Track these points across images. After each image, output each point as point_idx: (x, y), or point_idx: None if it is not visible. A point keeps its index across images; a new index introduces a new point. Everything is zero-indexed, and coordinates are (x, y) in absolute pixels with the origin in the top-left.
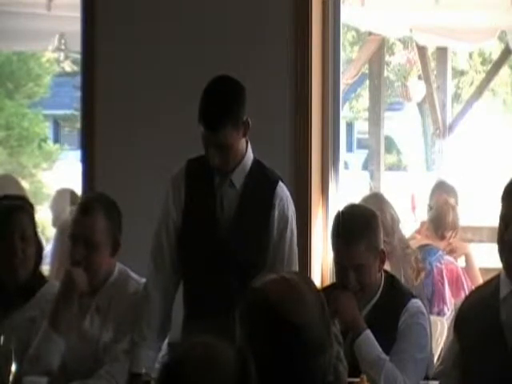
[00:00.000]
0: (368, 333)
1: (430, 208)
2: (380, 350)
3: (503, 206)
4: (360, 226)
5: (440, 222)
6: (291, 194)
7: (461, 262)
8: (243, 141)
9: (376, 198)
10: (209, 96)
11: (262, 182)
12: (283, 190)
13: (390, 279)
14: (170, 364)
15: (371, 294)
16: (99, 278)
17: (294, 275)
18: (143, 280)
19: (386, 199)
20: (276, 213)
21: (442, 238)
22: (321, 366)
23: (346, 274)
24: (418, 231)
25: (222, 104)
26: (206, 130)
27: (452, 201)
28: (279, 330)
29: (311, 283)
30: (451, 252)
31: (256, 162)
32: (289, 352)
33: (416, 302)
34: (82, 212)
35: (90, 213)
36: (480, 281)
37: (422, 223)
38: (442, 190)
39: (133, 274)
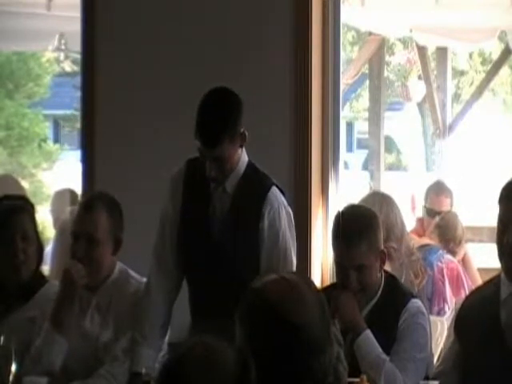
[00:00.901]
0: (368, 333)
1: (426, 209)
2: (380, 349)
3: (501, 209)
4: (361, 227)
5: (448, 235)
6: (291, 194)
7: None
8: (239, 150)
9: (384, 199)
10: (204, 113)
11: (253, 187)
12: (275, 196)
13: (390, 279)
14: (170, 364)
15: (372, 293)
16: (100, 276)
17: (294, 275)
18: (143, 279)
19: (395, 203)
20: (266, 221)
21: (447, 248)
22: (321, 366)
23: (347, 273)
24: (416, 231)
25: (218, 121)
26: (203, 146)
27: (448, 201)
28: (279, 330)
29: (311, 283)
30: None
31: (250, 167)
32: (289, 352)
33: (416, 302)
34: (84, 209)
35: (92, 210)
36: (478, 281)
37: (418, 220)
38: (438, 190)
39: (133, 274)
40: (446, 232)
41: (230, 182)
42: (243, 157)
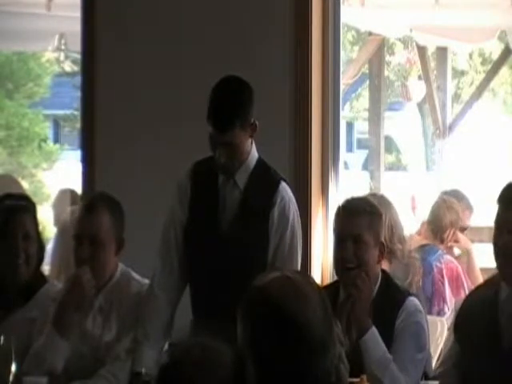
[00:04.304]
0: (374, 330)
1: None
2: (385, 349)
3: (498, 210)
4: (363, 206)
5: (437, 223)
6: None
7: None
8: (249, 141)
9: (384, 201)
10: (218, 96)
11: (264, 181)
12: (285, 190)
13: (387, 277)
14: (168, 365)
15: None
16: (104, 277)
17: (297, 274)
18: (145, 281)
19: (393, 205)
20: (276, 213)
21: (442, 240)
22: (324, 366)
23: (345, 244)
24: (419, 232)
25: (231, 104)
26: (214, 129)
27: (450, 200)
28: (282, 330)
29: (314, 282)
30: (455, 242)
31: (260, 162)
32: (292, 352)
33: (413, 300)
34: (86, 211)
35: (95, 211)
36: (480, 280)
37: (423, 224)
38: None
39: (135, 275)
40: (436, 222)
41: (240, 176)
42: (253, 152)
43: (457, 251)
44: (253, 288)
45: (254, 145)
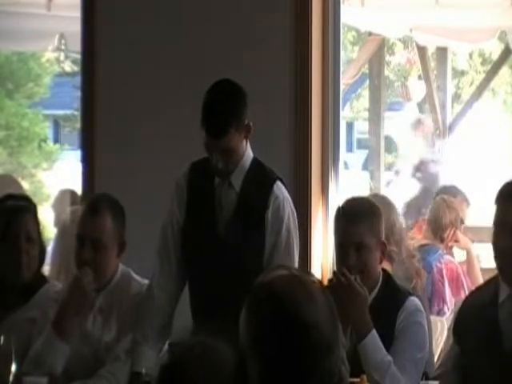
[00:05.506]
0: (374, 333)
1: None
2: (385, 351)
3: (496, 210)
4: (362, 209)
5: (437, 222)
6: (291, 193)
7: (462, 258)
8: (244, 142)
9: (384, 202)
10: (211, 103)
11: (259, 181)
12: (280, 190)
13: (388, 277)
14: (169, 364)
15: (370, 286)
16: (105, 278)
17: (302, 272)
18: (145, 281)
19: (395, 205)
20: (270, 213)
21: (442, 240)
22: (328, 366)
23: (347, 252)
24: (418, 228)
25: (224, 111)
26: (209, 137)
27: (450, 200)
28: (288, 327)
29: (318, 281)
30: (455, 242)
31: (255, 162)
32: (297, 351)
33: (414, 300)
34: (90, 212)
35: (98, 213)
36: (480, 280)
37: (418, 220)
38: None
39: (135, 276)
40: (436, 222)
41: (236, 177)
42: (248, 152)
43: (457, 251)
44: (258, 284)
45: (248, 145)
